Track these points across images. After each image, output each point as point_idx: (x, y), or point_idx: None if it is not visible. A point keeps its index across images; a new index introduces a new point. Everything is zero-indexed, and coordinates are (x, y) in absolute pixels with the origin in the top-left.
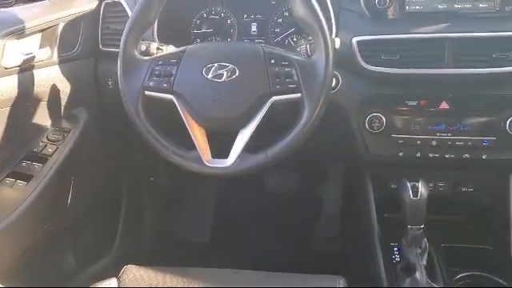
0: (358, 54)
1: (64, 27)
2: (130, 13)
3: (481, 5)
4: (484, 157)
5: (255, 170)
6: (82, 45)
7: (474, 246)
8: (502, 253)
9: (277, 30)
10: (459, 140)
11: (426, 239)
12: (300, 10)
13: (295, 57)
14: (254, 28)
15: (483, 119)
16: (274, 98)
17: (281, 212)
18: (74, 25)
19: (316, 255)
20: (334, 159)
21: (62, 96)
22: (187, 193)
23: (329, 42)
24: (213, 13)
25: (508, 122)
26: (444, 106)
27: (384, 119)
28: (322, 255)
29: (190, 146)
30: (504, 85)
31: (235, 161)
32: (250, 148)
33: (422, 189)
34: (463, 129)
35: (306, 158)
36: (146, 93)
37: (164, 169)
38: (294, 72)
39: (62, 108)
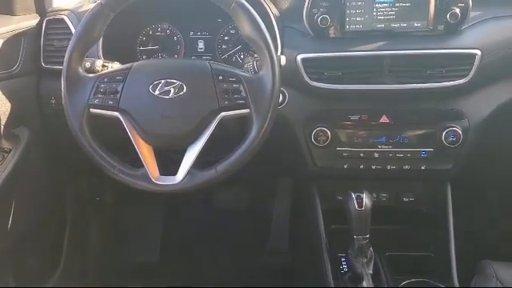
0: (302, 71)
1: (3, 44)
2: (73, 30)
3: (415, 24)
4: (423, 167)
5: (205, 186)
6: (23, 62)
7: (417, 254)
8: (442, 259)
9: (224, 47)
10: (399, 152)
11: (371, 248)
12: (246, 28)
13: (243, 73)
14: (200, 45)
15: (421, 132)
16: (223, 113)
17: (230, 228)
18: (14, 42)
19: (266, 270)
20: (283, 173)
21: (1, 115)
22: (135, 212)
23: (275, 59)
24: (159, 30)
25: (444, 134)
26: (384, 119)
27: (329, 133)
28: (272, 270)
29: (138, 163)
30: (439, 99)
31: (184, 177)
32: (199, 164)
33: (366, 200)
34: (403, 141)
35: (254, 173)
36: (91, 110)
37: (110, 188)
38: (241, 88)
39: (2, 127)
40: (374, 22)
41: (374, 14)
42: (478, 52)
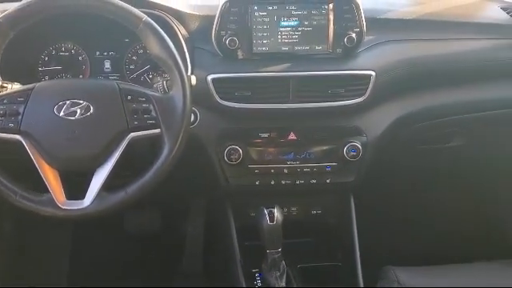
0: (213, 91)
1: None
2: None
3: (317, 47)
4: (328, 181)
5: (115, 210)
6: None
7: (326, 264)
8: (349, 267)
9: (132, 66)
10: (306, 167)
11: (283, 262)
12: (155, 48)
13: (153, 93)
14: (107, 65)
15: (325, 147)
16: (132, 134)
17: (142, 252)
18: None
19: None
20: (196, 193)
21: None
22: (38, 239)
23: (185, 78)
24: (62, 49)
25: (345, 149)
26: (292, 136)
27: (241, 151)
28: None
29: (42, 188)
30: (340, 117)
31: (93, 201)
32: (109, 187)
33: (277, 214)
34: (309, 157)
35: (167, 194)
36: None
37: (8, 215)
38: (151, 108)
39: None
40: (279, 44)
41: (279, 37)
42: (373, 73)
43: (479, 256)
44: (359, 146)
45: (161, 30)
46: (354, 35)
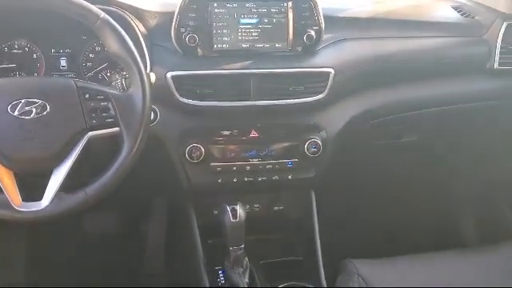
0: (173, 89)
1: None
2: None
3: (277, 45)
4: (289, 177)
5: (74, 211)
6: None
7: (288, 259)
8: (310, 261)
9: (89, 64)
10: (268, 164)
11: (246, 258)
12: (113, 45)
13: (111, 91)
14: (63, 63)
15: (287, 144)
16: (91, 133)
17: (103, 252)
18: None
19: None
20: (157, 192)
21: None
22: None
23: (144, 76)
24: (15, 47)
25: (306, 146)
26: (254, 134)
27: (203, 149)
28: None
29: None
30: (301, 114)
31: (51, 202)
32: (68, 187)
33: (240, 211)
34: (271, 154)
35: (127, 194)
36: None
37: None
38: (110, 106)
39: None
40: (239, 41)
41: (239, 34)
42: (332, 70)
43: (433, 246)
44: (319, 143)
45: (119, 27)
46: (313, 33)
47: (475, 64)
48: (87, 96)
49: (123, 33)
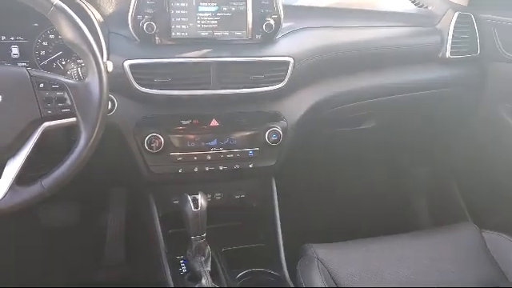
0: (131, 77)
1: None
2: None
3: (236, 33)
4: (251, 165)
5: (30, 204)
6: None
7: (250, 246)
8: (272, 248)
9: (42, 52)
10: (230, 153)
11: (208, 247)
12: (68, 33)
13: (67, 80)
14: (15, 51)
15: (248, 133)
16: (46, 123)
17: (62, 245)
18: None
19: (103, 285)
20: (116, 183)
21: None
22: None
23: (101, 64)
24: None
25: (267, 134)
26: (214, 123)
27: (162, 139)
28: (109, 283)
29: None
30: (261, 103)
31: (4, 195)
32: (23, 179)
33: (201, 201)
34: (232, 143)
35: (85, 185)
36: None
37: None
38: (66, 96)
39: None
40: (198, 29)
41: (198, 22)
42: (291, 59)
43: (389, 230)
44: (280, 131)
45: (73, 14)
46: (272, 22)
47: (429, 53)
48: (41, 85)
49: (78, 20)
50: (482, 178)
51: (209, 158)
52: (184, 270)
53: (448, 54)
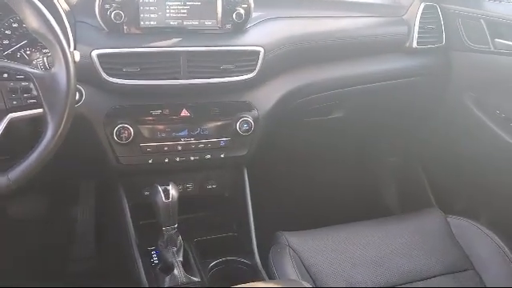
0: (99, 67)
1: None
2: None
3: (206, 22)
4: (222, 156)
5: None
6: None
7: (222, 235)
8: (244, 237)
9: (5, 42)
10: (201, 143)
11: (180, 237)
12: (32, 21)
13: (32, 70)
14: None
15: (219, 123)
16: (11, 115)
17: (29, 239)
18: None
19: (73, 278)
20: (85, 174)
21: None
22: None
23: (68, 54)
24: None
25: (238, 124)
26: (185, 113)
27: (132, 129)
28: (79, 277)
29: None
30: (232, 92)
31: None
32: None
33: (172, 191)
34: (203, 133)
35: (53, 177)
36: None
37: None
38: (32, 86)
39: None
40: (167, 19)
41: (167, 11)
42: (261, 49)
43: (359, 216)
44: (251, 121)
45: (38, 2)
46: (242, 11)
47: (396, 43)
48: (5, 75)
49: (43, 8)
50: (448, 165)
51: (179, 148)
52: (156, 261)
53: (415, 44)
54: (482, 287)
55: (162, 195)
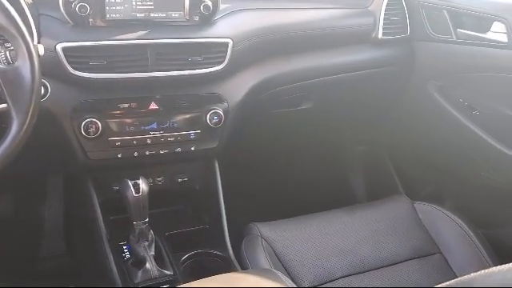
0: (64, 61)
1: None
2: None
3: (173, 14)
4: (192, 148)
5: None
6: None
7: (194, 228)
8: (216, 229)
9: None
10: (170, 136)
11: (151, 231)
12: None
13: None
14: None
15: (188, 116)
16: None
17: None
18: None
19: (43, 277)
20: (53, 170)
21: None
22: None
23: (32, 48)
24: None
25: (208, 116)
26: (153, 106)
27: (99, 124)
28: (50, 275)
29: None
30: (201, 85)
31: None
32: None
33: (142, 185)
34: (173, 126)
35: (19, 174)
36: None
37: None
38: None
39: None
40: (133, 11)
41: (134, 3)
42: (230, 41)
43: (330, 205)
44: (221, 113)
45: None
46: (209, 3)
47: (362, 34)
48: None
49: (4, 1)
50: (414, 152)
51: (149, 141)
52: (128, 256)
53: (380, 35)
54: (449, 269)
55: (132, 189)
